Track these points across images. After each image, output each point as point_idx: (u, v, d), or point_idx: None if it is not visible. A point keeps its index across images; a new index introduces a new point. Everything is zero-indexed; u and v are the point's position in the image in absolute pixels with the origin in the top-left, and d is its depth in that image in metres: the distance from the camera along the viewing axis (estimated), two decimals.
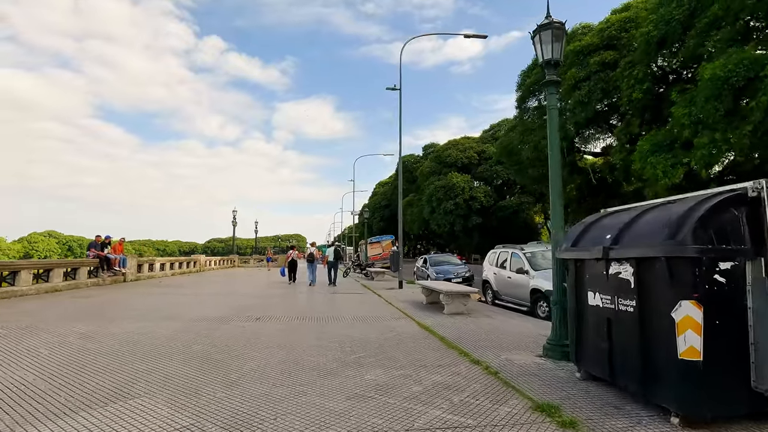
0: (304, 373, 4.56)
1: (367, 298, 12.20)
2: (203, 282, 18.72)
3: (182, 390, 3.94)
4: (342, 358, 5.16)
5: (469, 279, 17.27)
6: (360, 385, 4.16)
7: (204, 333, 6.69)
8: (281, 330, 7.05)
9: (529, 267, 9.58)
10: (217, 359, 5.09)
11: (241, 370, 4.64)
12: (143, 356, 5.20)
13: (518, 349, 5.80)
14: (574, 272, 4.39)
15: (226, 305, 10.27)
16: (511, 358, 5.25)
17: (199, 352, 5.41)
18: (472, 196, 51.30)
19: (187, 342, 6.02)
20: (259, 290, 14.70)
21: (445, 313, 9.02)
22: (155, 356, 5.20)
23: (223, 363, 4.92)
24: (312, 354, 5.40)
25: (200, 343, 5.93)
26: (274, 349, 5.63)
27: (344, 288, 15.92)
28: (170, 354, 5.32)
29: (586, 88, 24.36)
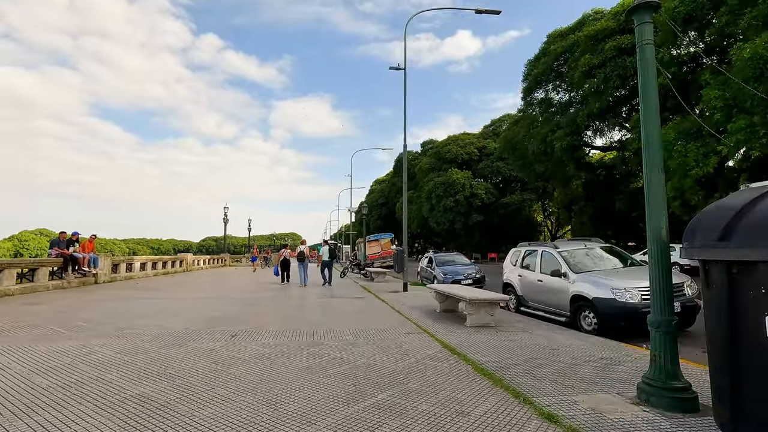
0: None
1: (370, 304, 10.47)
2: (186, 283, 16.92)
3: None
4: (342, 399, 3.45)
5: (481, 281, 15.59)
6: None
7: (156, 359, 4.95)
8: (260, 353, 5.31)
9: (568, 269, 7.89)
10: (155, 409, 3.35)
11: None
12: (29, 407, 3.45)
13: (593, 384, 4.10)
14: (727, 284, 2.68)
15: (201, 314, 8.51)
16: (595, 405, 3.55)
17: (133, 397, 3.67)
18: (472, 193, 49.64)
19: (124, 375, 4.28)
20: (245, 293, 12.95)
21: (467, 325, 7.32)
22: (53, 406, 3.45)
23: (164, 417, 3.19)
24: (298, 397, 3.68)
25: (142, 378, 4.19)
26: (246, 390, 3.90)
27: (342, 290, 14.20)
28: (79, 401, 3.57)
29: (602, 75, 22.72)
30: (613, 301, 6.72)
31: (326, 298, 11.81)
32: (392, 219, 75.17)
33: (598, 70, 23.11)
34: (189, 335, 6.33)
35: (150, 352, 5.26)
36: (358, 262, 22.45)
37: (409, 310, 9.36)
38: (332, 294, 12.92)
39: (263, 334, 6.51)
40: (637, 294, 6.68)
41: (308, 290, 14.32)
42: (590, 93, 23.47)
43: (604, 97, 22.99)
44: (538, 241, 9.74)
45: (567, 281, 7.80)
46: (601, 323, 6.91)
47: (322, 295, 12.44)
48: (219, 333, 6.53)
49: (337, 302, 10.76)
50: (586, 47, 24.52)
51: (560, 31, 29.68)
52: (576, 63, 25.04)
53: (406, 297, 12.00)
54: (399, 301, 11.02)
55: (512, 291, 9.93)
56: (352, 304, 10.34)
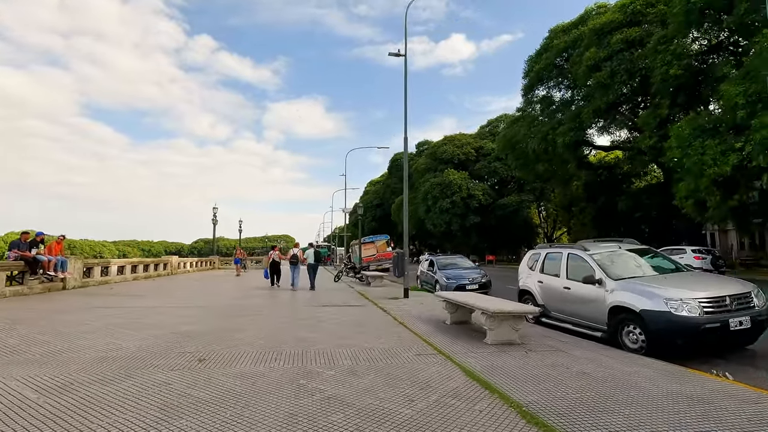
0: None
1: (368, 314, 9.21)
2: (167, 289, 15.52)
3: None
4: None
5: (487, 286, 14.40)
6: None
7: (79, 402, 3.64)
8: (230, 390, 4.03)
9: (604, 275, 6.69)
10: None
11: None
12: None
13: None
14: None
15: (171, 327, 7.19)
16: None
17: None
18: (469, 194, 48.58)
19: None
20: (229, 300, 11.61)
21: (488, 342, 6.10)
22: None
23: None
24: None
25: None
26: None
27: (337, 296, 12.91)
28: None
29: (608, 69, 21.71)
30: (667, 314, 5.53)
31: (319, 306, 10.52)
32: (387, 220, 73.95)
33: (605, 63, 22.13)
34: (144, 360, 5.02)
35: (75, 389, 3.94)
36: (353, 266, 21.17)
37: (415, 321, 8.11)
38: (326, 301, 11.63)
39: (240, 357, 5.21)
40: (697, 306, 5.50)
41: (298, 296, 13.02)
42: (596, 87, 22.47)
43: (611, 92, 21.99)
44: (563, 243, 8.55)
45: (603, 289, 6.60)
46: (652, 341, 5.72)
47: (314, 303, 11.15)
48: (184, 356, 5.22)
49: (331, 312, 9.48)
50: (591, 41, 23.54)
51: (563, 26, 28.76)
52: (580, 58, 24.07)
53: (409, 305, 10.75)
54: (401, 309, 9.77)
55: (530, 299, 8.72)
56: (348, 314, 9.06)
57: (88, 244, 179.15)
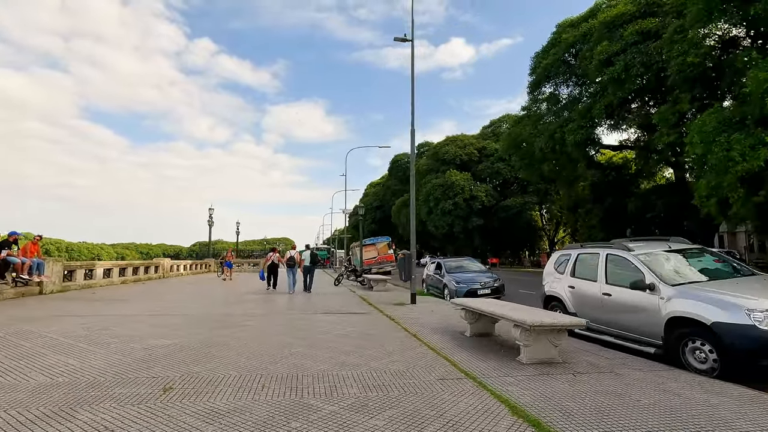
0: None
1: (374, 323, 8.13)
2: (156, 293, 14.43)
3: None
4: None
5: (500, 290, 13.35)
6: None
7: None
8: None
9: (656, 279, 5.64)
10: None
11: None
12: None
13: None
14: None
15: (142, 342, 6.12)
16: None
17: None
18: (472, 196, 47.55)
19: None
20: (218, 307, 10.53)
21: (524, 362, 5.03)
22: None
23: None
24: None
25: None
26: None
27: (338, 302, 11.83)
28: None
29: (622, 63, 20.71)
30: (751, 329, 4.47)
31: (318, 314, 9.44)
32: (387, 222, 72.88)
33: (618, 57, 21.14)
34: (100, 387, 3.95)
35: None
36: (354, 269, 20.09)
37: (429, 333, 7.04)
38: (326, 307, 10.54)
39: (217, 384, 4.14)
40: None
41: (295, 301, 11.95)
42: (609, 82, 21.47)
43: (625, 87, 20.99)
44: (600, 242, 7.50)
45: (656, 297, 5.54)
46: (729, 361, 4.65)
47: (312, 310, 10.07)
48: (149, 382, 4.15)
49: (332, 321, 8.40)
50: (602, 35, 22.58)
51: (571, 20, 27.83)
52: (591, 52, 23.10)
53: (418, 312, 9.68)
54: (411, 318, 8.69)
55: (559, 307, 7.66)
56: (351, 324, 7.99)
57: (86, 246, 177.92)
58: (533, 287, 18.56)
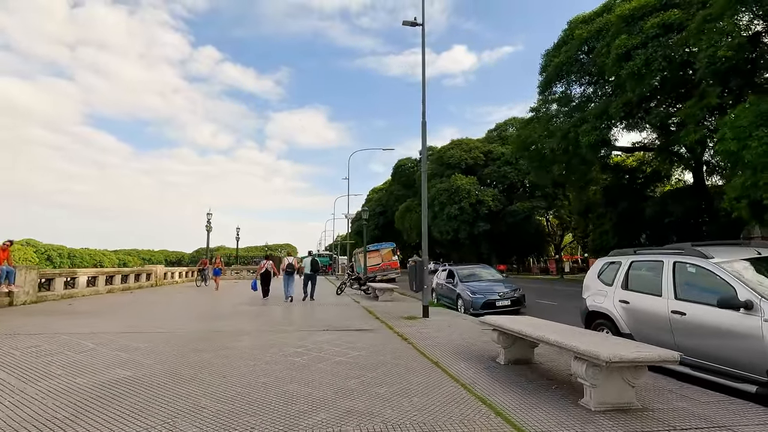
0: None
1: (384, 345, 6.81)
2: (141, 304, 13.17)
3: None
4: None
5: (520, 302, 12.04)
6: None
7: None
8: None
9: (755, 295, 4.33)
10: None
11: None
12: None
13: None
14: None
15: (94, 371, 4.84)
16: None
17: None
18: (478, 200, 46.19)
19: None
20: (204, 320, 9.25)
21: (591, 408, 3.72)
22: None
23: None
24: None
25: None
26: None
27: (340, 316, 10.51)
28: None
29: (642, 57, 19.45)
30: None
31: (317, 330, 8.13)
32: (391, 228, 71.54)
33: (637, 51, 19.92)
34: None
35: None
36: (357, 276, 18.77)
37: (453, 359, 5.73)
38: (326, 322, 9.23)
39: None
40: None
41: (292, 312, 10.65)
42: (628, 78, 20.23)
43: (646, 82, 19.73)
44: (666, 247, 6.18)
45: (757, 318, 4.23)
46: None
47: (310, 325, 8.77)
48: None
49: (333, 340, 7.10)
50: (620, 29, 21.37)
51: (583, 16, 26.68)
52: (607, 47, 21.89)
53: (433, 328, 8.35)
54: (426, 337, 7.37)
55: (606, 326, 6.34)
56: (357, 345, 6.68)
57: (88, 252, 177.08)
58: (551, 296, 17.21)
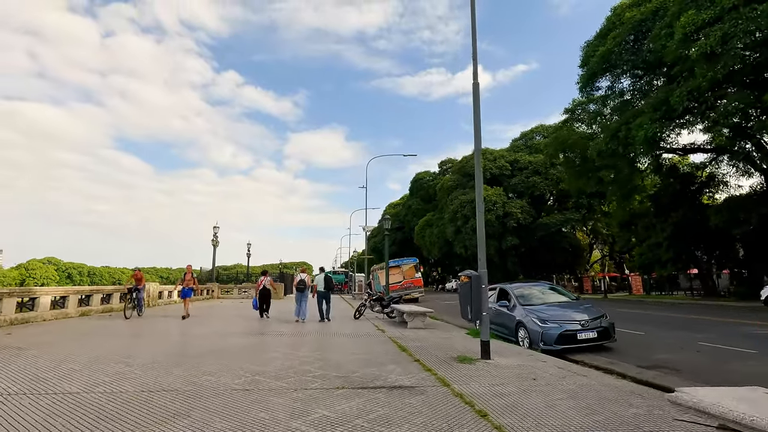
0: None
1: (447, 422, 3.66)
2: (111, 333, 10.30)
3: None
4: None
5: (610, 333, 8.73)
6: None
7: None
8: None
9: None
10: None
11: None
12: None
13: None
14: None
15: None
16: None
17: None
18: (506, 212, 42.70)
19: None
20: (184, 359, 6.27)
21: None
22: None
23: None
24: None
25: None
26: None
27: (362, 356, 7.37)
28: None
29: (718, 32, 16.26)
30: None
31: (328, 390, 5.04)
32: (409, 245, 68.19)
33: (710, 29, 16.71)
34: None
35: None
36: (379, 297, 15.60)
37: None
38: (341, 372, 6.12)
39: None
40: None
41: (294, 349, 7.56)
42: (698, 60, 16.99)
43: (722, 63, 16.42)
44: None
45: None
46: None
47: (316, 378, 5.67)
48: None
49: (353, 417, 3.99)
50: (685, 4, 18.24)
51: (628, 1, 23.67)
52: (668, 28, 18.77)
53: (512, 383, 5.16)
54: (514, 406, 4.19)
55: None
56: (402, 426, 3.55)
57: (108, 270, 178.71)
58: (628, 323, 13.25)
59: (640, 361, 7.47)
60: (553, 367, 6.29)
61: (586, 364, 7.19)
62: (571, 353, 8.19)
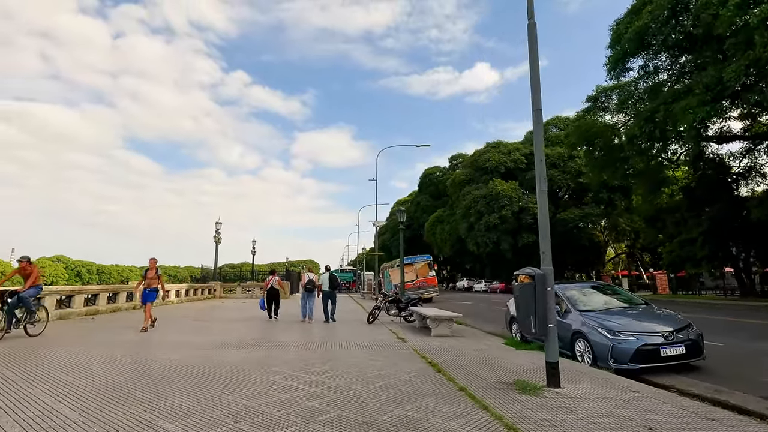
0: None
1: None
2: (72, 339, 8.67)
3: None
4: None
5: (699, 348, 6.89)
6: None
7: None
8: None
9: None
10: None
11: None
12: None
13: None
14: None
15: None
16: None
17: None
18: (522, 208, 40.74)
19: None
20: (141, 383, 4.61)
21: None
22: None
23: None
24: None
25: None
26: None
27: (384, 381, 5.61)
28: None
29: None
30: None
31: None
32: (418, 242, 66.30)
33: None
34: None
35: None
36: (396, 298, 13.82)
37: None
38: (368, 408, 4.39)
39: None
40: None
41: (309, 362, 5.84)
42: (758, 27, 14.95)
43: None
44: None
45: None
46: None
47: (340, 416, 3.95)
48: None
49: None
50: None
51: None
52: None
53: (606, 426, 3.39)
54: None
55: None
56: None
57: (116, 269, 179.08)
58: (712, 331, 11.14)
59: (751, 386, 5.64)
60: (656, 402, 4.48)
61: (684, 393, 5.36)
62: (650, 373, 6.38)
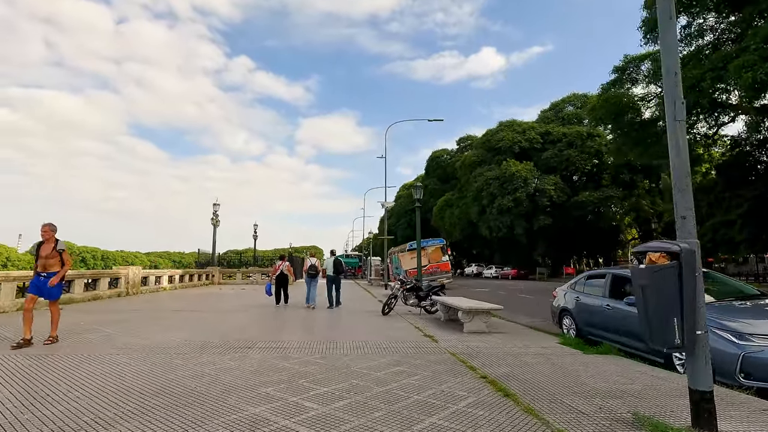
0: None
1: None
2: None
3: None
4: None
5: None
6: None
7: None
8: None
9: None
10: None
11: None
12: None
13: None
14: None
15: None
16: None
17: None
18: (537, 190, 38.54)
19: None
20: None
21: None
22: None
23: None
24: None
25: None
26: None
27: (424, 403, 3.74)
28: None
29: None
30: None
31: None
32: (426, 226, 64.12)
33: None
34: None
35: None
36: (415, 286, 11.94)
37: None
38: None
39: None
40: None
41: (314, 378, 4.01)
42: None
43: None
44: None
45: None
46: None
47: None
48: None
49: None
50: None
51: None
52: None
53: None
54: None
55: None
56: None
57: (121, 254, 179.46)
58: None
59: None
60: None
61: None
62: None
